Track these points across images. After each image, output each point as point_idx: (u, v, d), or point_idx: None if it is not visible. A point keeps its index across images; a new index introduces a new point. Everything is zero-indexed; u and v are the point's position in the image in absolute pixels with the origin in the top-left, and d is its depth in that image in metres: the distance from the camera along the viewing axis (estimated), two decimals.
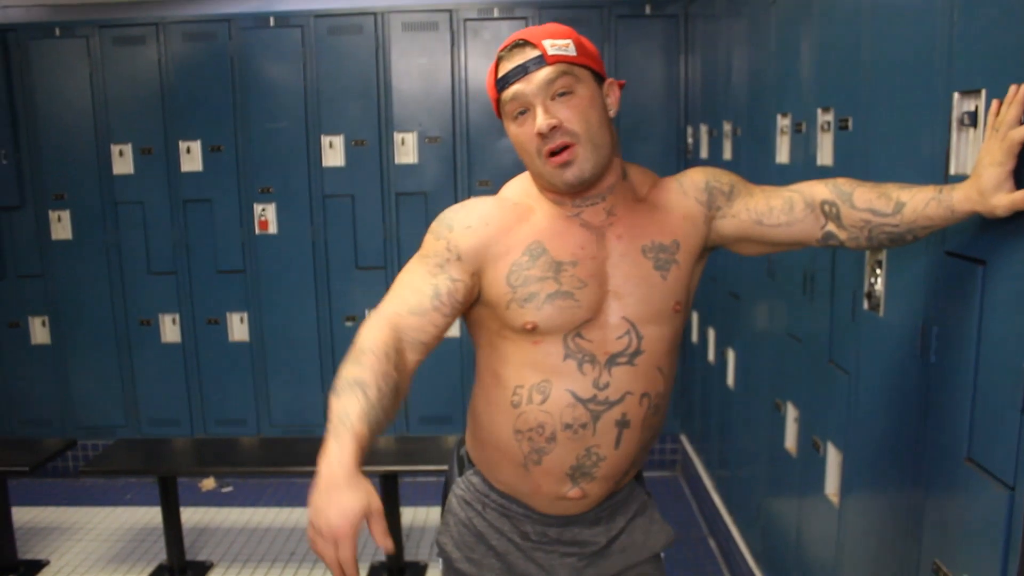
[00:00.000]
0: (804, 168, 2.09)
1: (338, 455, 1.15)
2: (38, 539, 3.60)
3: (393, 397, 1.28)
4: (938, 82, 1.42)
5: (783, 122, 2.33)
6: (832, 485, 1.98)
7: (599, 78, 1.38)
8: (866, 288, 1.73)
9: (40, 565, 3.36)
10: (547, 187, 1.40)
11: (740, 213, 1.44)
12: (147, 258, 4.08)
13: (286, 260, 4.03)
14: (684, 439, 4.05)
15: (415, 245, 1.47)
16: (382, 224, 3.98)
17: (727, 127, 3.02)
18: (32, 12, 4.06)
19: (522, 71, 1.32)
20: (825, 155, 1.99)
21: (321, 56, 3.87)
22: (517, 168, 1.47)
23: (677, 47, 3.86)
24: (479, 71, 3.85)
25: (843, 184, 1.37)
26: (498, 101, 1.38)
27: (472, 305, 1.44)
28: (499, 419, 1.44)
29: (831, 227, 1.37)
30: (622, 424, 1.42)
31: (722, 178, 1.47)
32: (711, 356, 3.36)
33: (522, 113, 1.34)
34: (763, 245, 1.47)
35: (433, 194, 3.93)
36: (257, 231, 4.01)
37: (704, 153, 3.45)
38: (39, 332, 4.20)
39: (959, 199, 1.22)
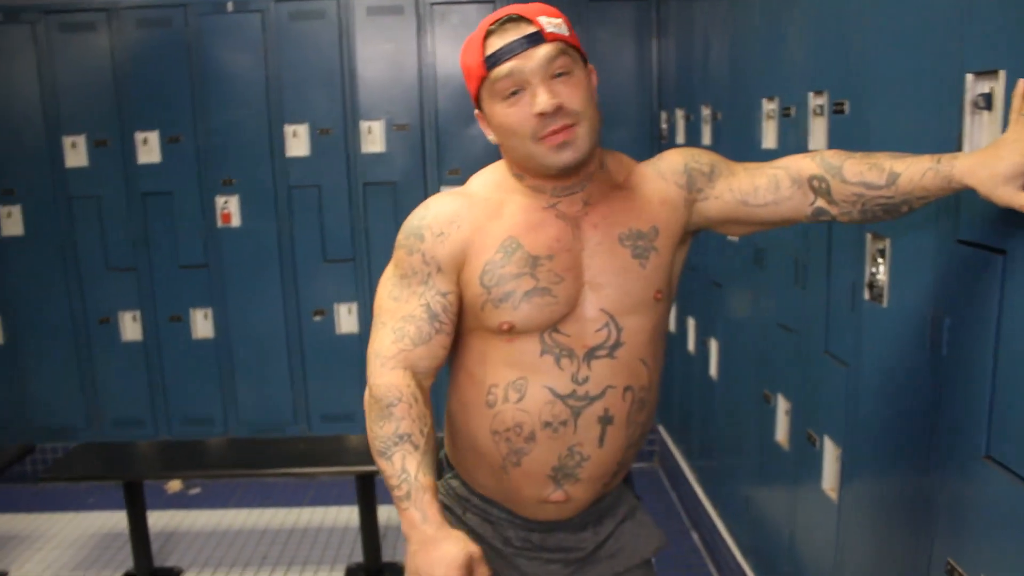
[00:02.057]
0: (794, 154, 2.03)
1: (420, 517, 1.21)
2: None
3: (432, 430, 1.31)
4: (948, 62, 1.35)
5: (769, 106, 2.27)
6: (830, 480, 1.93)
7: (584, 62, 1.31)
8: (867, 278, 1.68)
9: None
10: (533, 173, 1.32)
11: (723, 194, 1.37)
12: (104, 254, 3.92)
13: (250, 254, 3.90)
14: (662, 429, 4.01)
15: (384, 236, 1.39)
16: (350, 215, 3.86)
17: (705, 111, 2.96)
18: None
19: (519, 47, 1.23)
20: (818, 140, 1.93)
21: (282, 42, 3.73)
22: (488, 156, 1.39)
23: (649, 31, 3.79)
24: (447, 57, 3.74)
25: (831, 157, 1.30)
26: (481, 80, 1.28)
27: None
28: (474, 420, 1.37)
29: (821, 203, 1.32)
30: (605, 420, 1.35)
31: (702, 158, 1.40)
32: (691, 346, 3.31)
33: (515, 93, 1.25)
34: (751, 225, 1.41)
35: (402, 183, 3.82)
36: (220, 224, 3.87)
37: (680, 138, 3.39)
38: None
39: (961, 171, 1.15)
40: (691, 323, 3.31)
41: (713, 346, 2.97)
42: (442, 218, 1.33)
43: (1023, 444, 1.17)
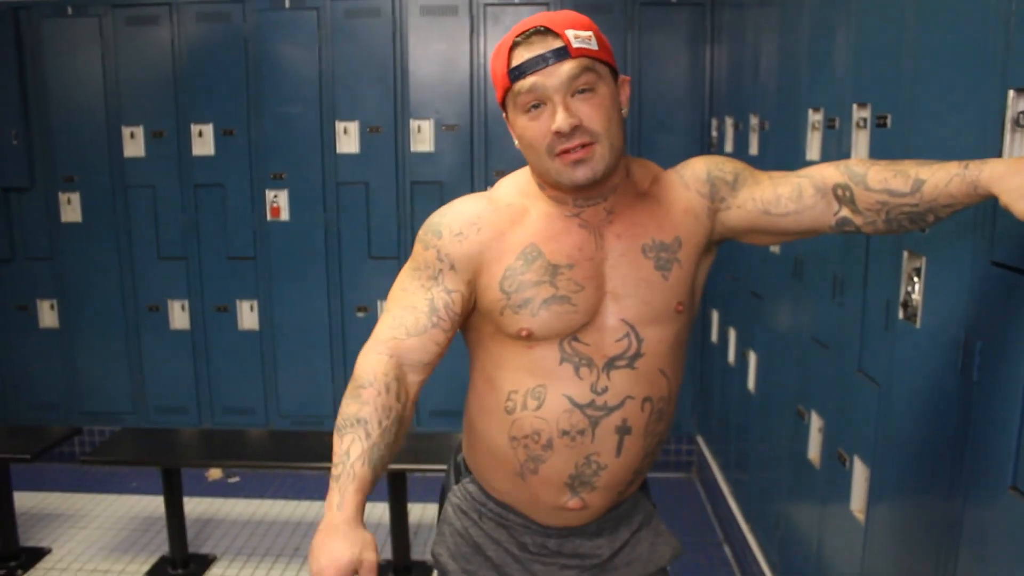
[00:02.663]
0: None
1: (338, 502, 1.18)
2: (41, 526, 3.56)
3: (396, 429, 1.28)
4: (992, 77, 1.30)
5: (815, 117, 2.22)
6: (858, 501, 1.87)
7: (614, 74, 1.30)
8: (901, 297, 1.63)
9: (42, 553, 3.32)
10: (551, 184, 1.31)
11: (746, 203, 1.34)
12: (157, 243, 4.02)
13: (297, 248, 3.95)
14: (700, 440, 3.95)
15: None
16: (396, 213, 3.90)
17: (753, 120, 2.91)
18: None
19: (542, 62, 1.22)
20: (860, 153, 1.88)
21: (337, 40, 3.78)
22: None
23: (703, 36, 3.73)
24: None
25: (855, 165, 1.26)
26: (506, 90, 1.27)
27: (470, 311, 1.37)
28: (493, 426, 1.37)
29: (845, 212, 1.27)
30: (623, 431, 1.34)
31: (725, 167, 1.37)
32: (731, 357, 3.26)
33: (536, 107, 1.24)
34: (773, 235, 1.37)
35: (449, 183, 3.84)
36: (269, 218, 3.93)
37: (729, 147, 3.34)
38: (47, 316, 4.15)
39: (988, 177, 1.08)
40: (732, 334, 3.26)
41: (752, 358, 2.91)
42: (463, 218, 1.33)
43: None
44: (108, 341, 4.12)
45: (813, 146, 2.23)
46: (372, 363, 1.30)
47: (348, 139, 3.86)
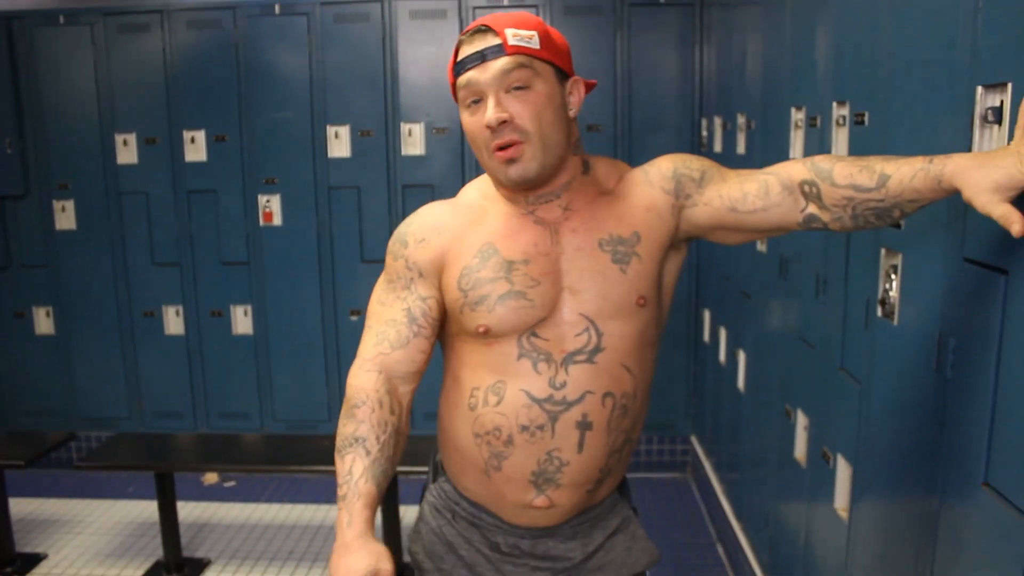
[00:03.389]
0: None
1: (348, 520, 1.25)
2: (37, 532, 3.57)
3: (394, 442, 1.34)
4: (961, 75, 1.31)
5: (797, 115, 2.22)
6: (842, 499, 1.88)
7: (563, 75, 1.32)
8: (879, 294, 1.63)
9: (38, 559, 3.33)
10: (498, 183, 1.36)
11: (712, 201, 1.34)
12: (151, 249, 4.03)
13: (290, 252, 3.97)
14: (695, 440, 3.95)
15: None
16: (388, 217, 3.91)
17: (741, 120, 2.91)
18: (43, 0, 4.01)
19: (479, 58, 1.27)
20: (840, 151, 1.88)
21: (327, 44, 3.79)
22: None
23: (693, 37, 3.74)
24: None
25: (821, 161, 1.26)
26: (455, 86, 1.32)
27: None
28: (459, 422, 1.39)
29: (812, 208, 1.27)
30: (583, 426, 1.34)
31: (692, 164, 1.38)
32: (722, 357, 3.26)
33: (475, 102, 1.29)
34: (741, 233, 1.37)
35: (440, 186, 3.84)
36: (261, 223, 3.95)
37: (718, 147, 3.34)
38: (43, 322, 4.17)
39: (952, 171, 1.09)
40: (723, 333, 3.26)
41: (741, 358, 2.92)
42: (427, 225, 1.38)
43: (1021, 473, 1.12)
44: (104, 347, 4.13)
45: (796, 145, 2.24)
46: (362, 381, 1.35)
47: (339, 143, 3.87)
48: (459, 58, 1.29)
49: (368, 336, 1.38)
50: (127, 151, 3.96)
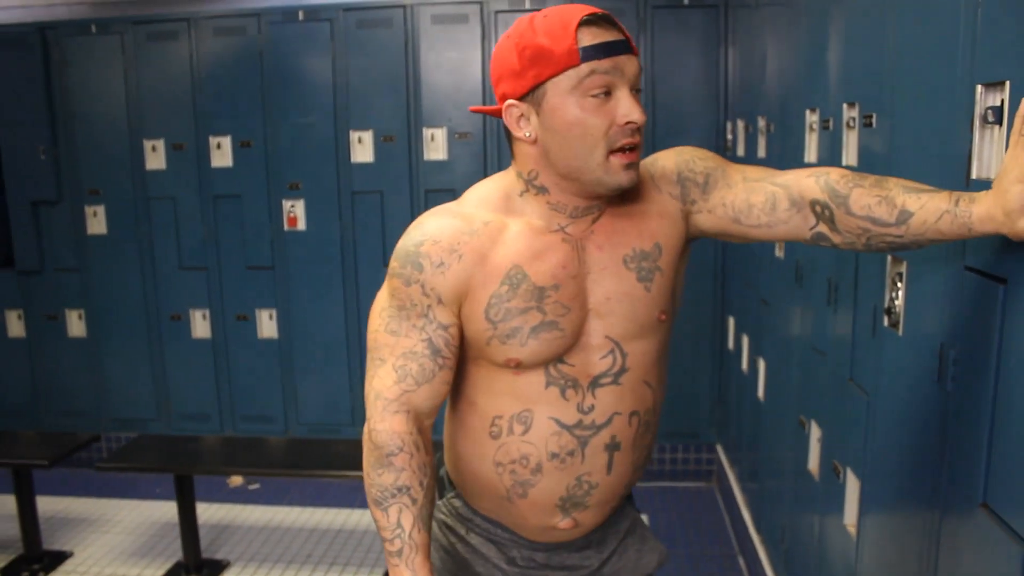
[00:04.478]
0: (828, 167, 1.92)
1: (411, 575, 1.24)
2: (65, 530, 3.63)
3: (432, 480, 1.29)
4: (961, 73, 1.25)
5: (812, 118, 2.16)
6: (851, 515, 1.81)
7: None
8: (886, 303, 1.57)
9: (64, 556, 3.38)
10: (573, 187, 1.22)
11: (716, 208, 1.28)
12: (178, 253, 4.09)
13: (315, 257, 3.98)
14: (720, 449, 3.87)
15: None
16: (411, 221, 3.88)
17: (761, 123, 2.85)
18: (74, 10, 4.10)
19: (623, 48, 1.15)
20: (850, 155, 1.82)
21: (350, 50, 3.81)
22: None
23: (718, 39, 3.67)
24: None
25: (837, 182, 1.18)
26: (563, 68, 1.14)
27: None
28: (477, 450, 1.33)
29: (823, 228, 1.21)
30: (612, 447, 1.30)
31: (696, 165, 1.30)
32: (744, 365, 3.19)
33: (606, 94, 1.16)
34: (746, 240, 1.32)
35: (463, 191, 3.80)
36: (286, 227, 3.97)
37: (741, 150, 3.28)
38: (75, 325, 4.25)
39: (980, 217, 1.03)
40: (745, 341, 3.19)
41: (761, 366, 2.85)
42: (442, 246, 1.22)
43: (1018, 494, 1.06)
44: (133, 349, 4.20)
45: (811, 148, 2.18)
46: (392, 426, 1.25)
47: (362, 148, 3.88)
48: (592, 41, 1.14)
49: (383, 372, 1.25)
50: (155, 157, 4.02)
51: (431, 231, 1.24)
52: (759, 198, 1.25)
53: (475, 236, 1.23)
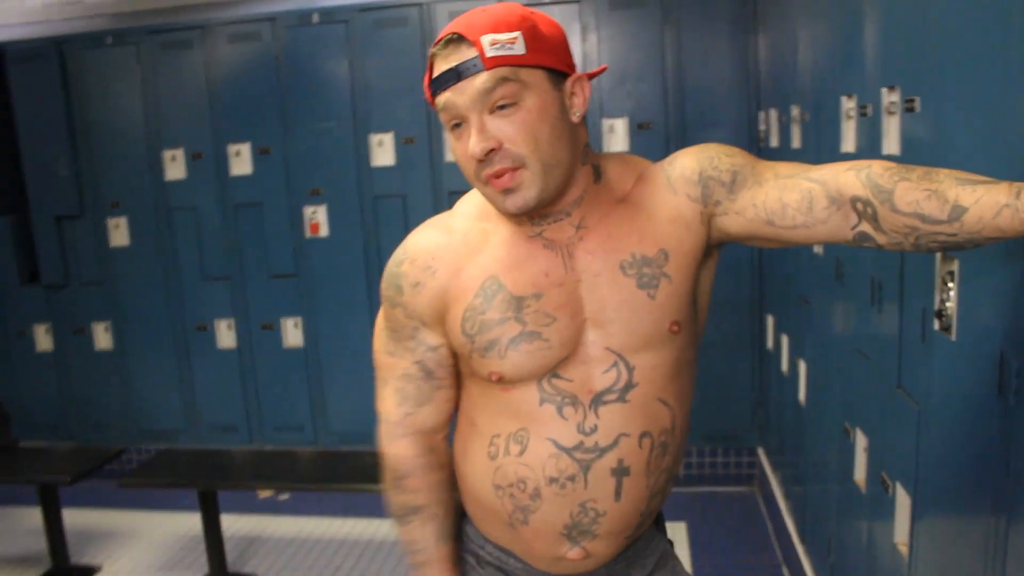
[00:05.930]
0: (869, 159, 1.78)
1: None
2: (93, 544, 3.60)
3: (450, 492, 1.31)
4: (1018, 43, 1.11)
5: (848, 105, 2.01)
6: (902, 533, 1.67)
7: (559, 75, 1.11)
8: (936, 304, 1.43)
9: (92, 571, 3.36)
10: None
11: (746, 210, 1.15)
12: (201, 263, 4.04)
13: (338, 263, 3.91)
14: (761, 452, 3.72)
15: None
16: None
17: (795, 112, 2.70)
18: (89, 22, 4.07)
19: (454, 76, 1.06)
20: (891, 143, 1.68)
21: (367, 51, 3.72)
22: None
23: (747, 24, 3.52)
24: None
25: (880, 176, 1.04)
26: (432, 102, 1.13)
27: None
28: (477, 472, 1.25)
29: (866, 227, 1.07)
30: (620, 472, 1.19)
31: (722, 163, 1.17)
32: (784, 366, 3.04)
33: (457, 126, 1.10)
34: (780, 243, 1.19)
35: None
36: (308, 234, 3.91)
37: (774, 141, 3.13)
38: (102, 338, 4.23)
39: None
40: (785, 341, 3.04)
41: (802, 368, 2.70)
42: (418, 264, 1.21)
43: None
44: (160, 361, 4.17)
45: (848, 137, 2.03)
46: (400, 450, 1.28)
47: (383, 151, 3.80)
48: (435, 74, 1.10)
49: (387, 393, 1.28)
50: (175, 167, 3.97)
51: (410, 249, 1.23)
52: (794, 196, 1.12)
53: (452, 248, 1.21)
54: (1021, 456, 1.12)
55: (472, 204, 1.25)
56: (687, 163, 1.20)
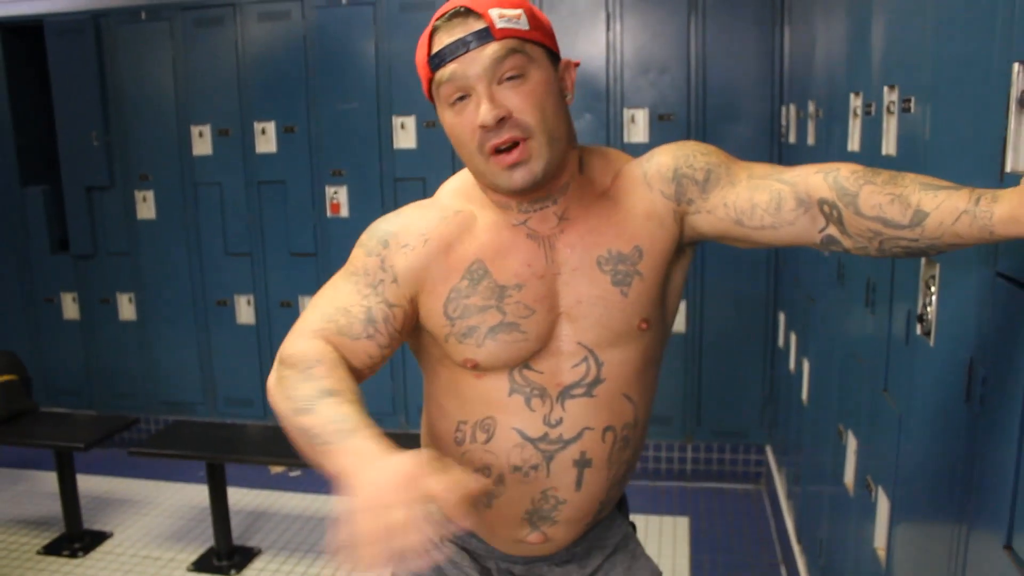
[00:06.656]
0: (870, 159, 1.76)
1: (356, 448, 0.91)
2: (107, 510, 3.70)
3: (363, 403, 1.04)
4: (998, 50, 1.09)
5: (855, 102, 1.98)
6: (880, 538, 1.65)
7: (554, 57, 1.15)
8: (919, 308, 1.41)
9: (104, 536, 3.45)
10: (491, 188, 1.17)
11: (717, 209, 1.16)
12: (224, 239, 4.11)
13: None
14: (769, 450, 3.70)
15: None
16: None
17: (811, 108, 2.66)
18: None
19: (462, 46, 1.08)
20: (890, 143, 1.65)
21: (393, 34, 3.74)
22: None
23: (773, 18, 3.47)
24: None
25: (846, 179, 1.05)
26: (430, 81, 1.14)
27: (412, 330, 1.24)
28: (444, 455, 1.25)
29: (832, 231, 1.07)
30: (582, 464, 1.21)
31: (697, 161, 1.18)
32: (791, 364, 3.02)
33: (461, 99, 1.10)
34: (750, 244, 1.19)
35: None
36: (329, 214, 3.95)
37: (793, 137, 3.09)
38: (126, 308, 4.33)
39: (1001, 218, 0.87)
40: (793, 339, 3.02)
41: (806, 367, 2.68)
42: (411, 229, 1.19)
43: None
44: (181, 334, 4.25)
45: (854, 135, 2.00)
46: (306, 347, 1.10)
47: (405, 134, 3.82)
48: (436, 48, 1.10)
49: (311, 313, 1.17)
50: (202, 142, 4.04)
51: (405, 217, 1.23)
52: (763, 197, 1.13)
53: (445, 225, 1.20)
54: (983, 464, 1.10)
55: (459, 187, 1.25)
56: (663, 160, 1.21)
